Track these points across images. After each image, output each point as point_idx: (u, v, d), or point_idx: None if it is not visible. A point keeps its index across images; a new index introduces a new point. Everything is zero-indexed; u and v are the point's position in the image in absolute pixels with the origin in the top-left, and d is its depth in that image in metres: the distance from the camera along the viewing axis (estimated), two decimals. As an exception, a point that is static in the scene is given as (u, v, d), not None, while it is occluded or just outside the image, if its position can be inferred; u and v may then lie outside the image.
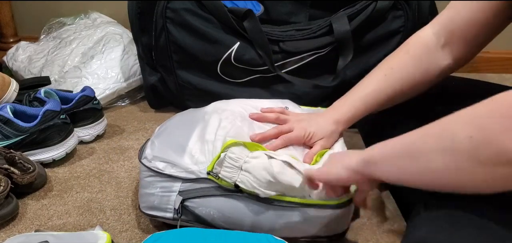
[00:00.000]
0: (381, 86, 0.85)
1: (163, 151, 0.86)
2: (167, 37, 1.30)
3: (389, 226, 0.93)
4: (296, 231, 0.82)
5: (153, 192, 0.85)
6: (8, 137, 1.07)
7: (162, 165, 0.84)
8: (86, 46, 1.53)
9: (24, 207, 0.98)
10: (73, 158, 1.17)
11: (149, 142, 0.91)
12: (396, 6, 1.27)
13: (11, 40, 1.86)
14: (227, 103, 0.99)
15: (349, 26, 1.24)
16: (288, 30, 1.29)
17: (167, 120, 0.99)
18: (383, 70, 0.86)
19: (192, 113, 0.98)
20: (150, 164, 0.85)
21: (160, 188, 0.85)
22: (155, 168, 0.84)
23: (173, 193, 0.84)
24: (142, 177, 0.87)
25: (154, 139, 0.90)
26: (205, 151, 0.83)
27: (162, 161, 0.85)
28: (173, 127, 0.93)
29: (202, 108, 0.98)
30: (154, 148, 0.87)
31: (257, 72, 1.29)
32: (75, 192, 1.04)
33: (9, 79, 1.24)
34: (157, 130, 0.96)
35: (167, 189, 0.85)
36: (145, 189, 0.87)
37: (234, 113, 0.93)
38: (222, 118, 0.90)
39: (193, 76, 1.34)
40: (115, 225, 0.93)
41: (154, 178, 0.85)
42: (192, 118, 0.94)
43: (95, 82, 1.41)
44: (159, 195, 0.85)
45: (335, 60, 1.27)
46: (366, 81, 0.88)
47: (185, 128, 0.91)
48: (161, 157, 0.85)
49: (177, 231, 0.78)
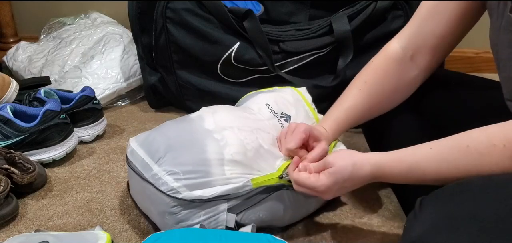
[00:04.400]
0: (357, 101, 0.89)
1: (191, 178, 0.80)
2: (167, 37, 1.30)
3: (389, 226, 0.93)
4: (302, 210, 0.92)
5: (197, 221, 0.81)
6: (8, 137, 1.07)
7: (200, 192, 0.80)
8: (86, 46, 1.53)
9: (24, 207, 0.98)
10: (73, 158, 1.17)
11: (159, 172, 0.82)
12: (396, 6, 1.27)
13: (11, 40, 1.86)
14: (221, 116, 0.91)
15: (349, 26, 1.24)
16: (288, 30, 1.29)
17: (146, 140, 0.89)
18: (358, 85, 0.89)
19: (184, 131, 0.89)
20: (186, 195, 0.79)
21: (204, 214, 0.81)
22: (197, 197, 0.79)
23: (221, 213, 0.82)
24: (175, 212, 0.81)
25: (165, 167, 0.82)
26: (239, 167, 0.83)
27: (198, 188, 0.80)
28: (176, 150, 0.84)
29: (189, 123, 0.90)
30: (179, 179, 0.80)
31: (257, 72, 1.29)
32: (75, 192, 1.04)
33: (9, 79, 1.24)
34: (144, 154, 0.86)
35: (213, 213, 0.82)
36: (185, 222, 0.82)
37: (241, 127, 0.89)
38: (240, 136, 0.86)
39: (193, 76, 1.34)
40: (115, 225, 0.93)
41: (195, 208, 0.81)
42: (192, 136, 0.87)
43: (95, 82, 1.41)
44: (205, 222, 0.82)
45: (335, 60, 1.27)
46: (344, 96, 0.91)
47: (193, 148, 0.84)
48: (193, 184, 0.80)
49: (177, 231, 0.78)
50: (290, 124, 0.91)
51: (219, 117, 0.89)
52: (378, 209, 0.98)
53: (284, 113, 0.97)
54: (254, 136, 0.87)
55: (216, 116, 0.90)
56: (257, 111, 0.96)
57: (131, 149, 0.89)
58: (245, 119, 0.92)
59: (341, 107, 0.90)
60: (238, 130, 0.86)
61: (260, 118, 0.94)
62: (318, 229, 0.92)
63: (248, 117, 0.93)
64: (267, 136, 0.89)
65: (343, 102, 0.90)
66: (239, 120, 0.90)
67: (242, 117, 0.92)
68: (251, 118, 0.93)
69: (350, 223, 0.94)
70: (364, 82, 0.89)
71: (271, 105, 0.97)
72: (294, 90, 1.04)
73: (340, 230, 0.92)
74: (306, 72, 1.28)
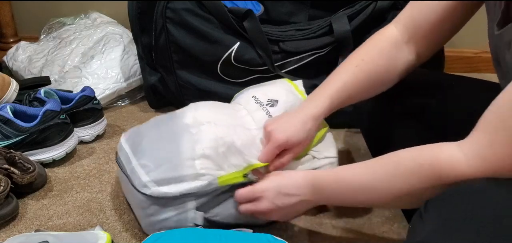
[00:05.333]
0: (355, 77, 0.86)
1: (161, 172, 0.82)
2: (167, 37, 1.30)
3: (389, 226, 0.93)
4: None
5: (167, 217, 0.83)
6: (8, 137, 1.07)
7: (166, 188, 0.81)
8: (86, 46, 1.53)
9: (24, 207, 0.98)
10: (73, 158, 1.17)
11: (135, 165, 0.84)
12: (396, 6, 1.27)
13: (11, 40, 1.86)
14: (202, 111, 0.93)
15: (349, 26, 1.24)
16: (288, 30, 1.29)
17: (132, 134, 0.93)
18: (354, 62, 0.87)
19: (166, 125, 0.91)
20: (154, 191, 0.81)
21: (174, 210, 0.83)
22: (162, 194, 0.81)
23: (189, 211, 0.83)
24: (145, 206, 0.83)
25: (140, 160, 0.84)
26: (210, 162, 0.83)
27: (166, 184, 0.81)
28: (153, 143, 0.87)
29: (172, 117, 0.93)
30: (150, 172, 0.82)
31: (257, 72, 1.29)
32: (75, 192, 1.04)
33: (9, 79, 1.24)
34: (128, 147, 0.89)
35: (182, 209, 0.83)
36: (155, 217, 0.83)
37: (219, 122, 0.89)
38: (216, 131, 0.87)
39: (193, 76, 1.34)
40: (115, 225, 0.93)
41: (163, 204, 0.82)
42: (170, 130, 0.89)
43: (95, 82, 1.41)
44: (175, 218, 0.83)
45: (335, 60, 1.27)
46: (339, 73, 0.88)
47: (169, 142, 0.86)
48: (162, 179, 0.81)
49: (177, 231, 0.78)
50: (267, 124, 0.87)
51: (199, 112, 0.90)
52: (378, 209, 0.98)
53: (271, 99, 0.95)
54: (229, 132, 0.86)
55: (197, 111, 0.91)
56: (244, 106, 0.96)
57: (120, 144, 0.92)
58: (225, 115, 0.92)
59: (336, 83, 0.87)
60: (215, 125, 0.86)
61: (244, 114, 0.93)
62: (318, 229, 0.92)
63: (230, 114, 0.93)
64: (244, 133, 0.88)
65: (338, 79, 0.87)
66: (218, 116, 0.90)
67: (224, 114, 0.92)
68: (233, 114, 0.93)
69: (350, 223, 0.94)
70: (361, 60, 0.87)
71: (258, 97, 0.96)
72: (286, 81, 1.02)
73: (340, 230, 0.92)
74: (306, 72, 1.28)
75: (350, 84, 0.86)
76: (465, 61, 1.67)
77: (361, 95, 0.89)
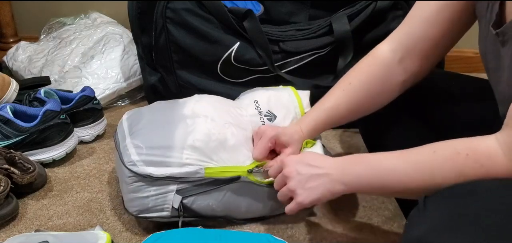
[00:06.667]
0: (339, 102, 0.89)
1: (151, 155, 0.86)
2: (167, 37, 1.30)
3: (389, 226, 0.93)
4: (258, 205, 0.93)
5: (147, 195, 0.86)
6: (8, 137, 1.07)
7: (152, 169, 0.85)
8: (86, 46, 1.53)
9: (24, 207, 0.98)
10: (73, 158, 1.17)
11: (128, 143, 0.89)
12: (396, 6, 1.27)
13: (11, 40, 1.86)
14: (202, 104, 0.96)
15: (349, 26, 1.24)
16: (288, 30, 1.29)
17: (134, 113, 0.98)
18: (342, 86, 0.90)
19: (166, 111, 0.96)
20: (140, 169, 0.85)
21: (154, 191, 0.86)
22: (148, 173, 0.85)
23: (169, 193, 0.86)
24: (129, 182, 0.87)
25: (134, 140, 0.89)
26: (197, 154, 0.87)
27: (153, 165, 0.85)
28: (150, 126, 0.92)
29: (174, 105, 0.97)
30: (141, 152, 0.86)
31: (257, 72, 1.29)
32: (75, 192, 1.04)
33: (9, 79, 1.24)
34: (127, 125, 0.94)
35: (162, 190, 0.86)
36: (136, 194, 0.87)
37: (216, 118, 0.92)
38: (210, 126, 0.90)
39: (193, 76, 1.34)
40: (115, 225, 0.93)
41: (146, 182, 0.86)
42: (168, 117, 0.93)
43: (95, 82, 1.41)
44: (154, 198, 0.86)
45: (335, 60, 1.27)
46: (327, 96, 0.91)
47: (164, 128, 0.90)
48: (151, 161, 0.85)
49: (177, 231, 0.78)
50: (259, 127, 0.94)
51: (199, 105, 0.95)
52: (378, 209, 0.98)
53: (270, 112, 0.99)
54: (224, 129, 0.90)
55: (198, 104, 0.95)
56: (245, 107, 1.00)
57: (121, 120, 0.97)
58: (224, 112, 0.95)
59: (322, 107, 0.91)
60: (211, 120, 0.91)
61: (243, 114, 0.98)
62: (318, 229, 0.92)
63: (230, 112, 0.96)
64: (240, 133, 0.92)
65: (325, 102, 0.91)
66: (217, 112, 0.94)
67: (224, 111, 0.95)
68: (233, 113, 0.96)
69: (350, 223, 0.94)
70: (348, 84, 0.89)
71: (260, 103, 1.00)
72: (292, 92, 1.05)
73: (340, 230, 0.92)
74: (306, 72, 1.28)
75: (335, 108, 0.90)
76: (465, 61, 1.67)
77: (350, 117, 0.91)
